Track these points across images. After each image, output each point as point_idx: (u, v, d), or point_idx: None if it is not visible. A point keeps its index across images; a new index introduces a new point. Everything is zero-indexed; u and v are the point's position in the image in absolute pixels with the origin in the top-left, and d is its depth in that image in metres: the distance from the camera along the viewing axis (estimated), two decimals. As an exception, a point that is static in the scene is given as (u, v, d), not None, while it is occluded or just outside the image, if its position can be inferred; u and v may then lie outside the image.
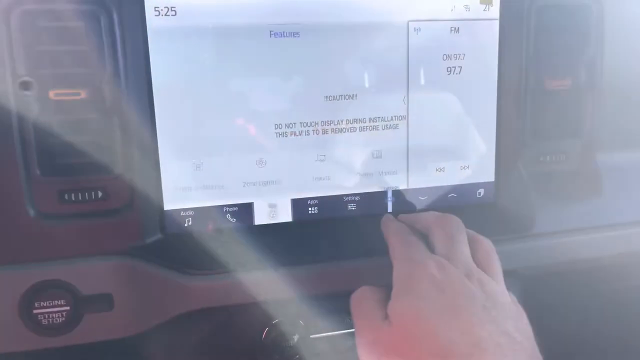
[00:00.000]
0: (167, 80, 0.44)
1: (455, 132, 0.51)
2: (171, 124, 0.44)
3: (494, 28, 0.50)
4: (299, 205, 0.49)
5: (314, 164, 0.48)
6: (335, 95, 0.47)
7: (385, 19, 0.47)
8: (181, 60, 0.44)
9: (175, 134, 0.45)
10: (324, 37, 0.46)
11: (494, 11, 0.50)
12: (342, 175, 0.49)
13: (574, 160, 0.52)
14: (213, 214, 0.47)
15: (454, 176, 0.52)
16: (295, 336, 0.46)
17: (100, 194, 0.43)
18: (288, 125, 0.47)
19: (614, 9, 0.51)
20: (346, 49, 0.47)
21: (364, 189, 0.50)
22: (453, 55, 0.49)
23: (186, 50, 0.44)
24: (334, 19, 0.46)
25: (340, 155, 0.49)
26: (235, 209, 0.47)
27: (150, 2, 0.43)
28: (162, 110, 0.44)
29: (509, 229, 0.50)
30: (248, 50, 0.45)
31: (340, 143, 0.48)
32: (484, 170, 0.52)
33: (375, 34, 0.47)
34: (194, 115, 0.45)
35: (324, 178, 0.49)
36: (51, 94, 0.41)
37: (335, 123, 0.48)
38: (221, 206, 0.47)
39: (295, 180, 0.48)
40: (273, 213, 0.48)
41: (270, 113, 0.46)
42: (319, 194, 0.49)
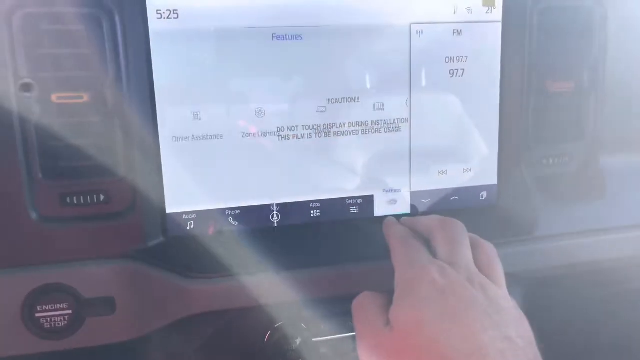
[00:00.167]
0: (170, 83, 0.44)
1: (458, 135, 0.51)
2: (173, 127, 0.44)
3: (496, 30, 0.50)
4: (302, 208, 0.49)
5: (316, 167, 0.48)
6: (337, 98, 0.47)
7: (387, 22, 0.47)
8: (183, 63, 0.44)
9: (178, 137, 0.45)
10: (326, 40, 0.46)
11: (497, 13, 0.50)
12: (344, 178, 0.49)
13: (576, 163, 0.52)
14: (215, 217, 0.47)
15: (457, 179, 0.52)
16: (297, 339, 0.46)
17: (102, 197, 0.43)
18: (290, 128, 0.47)
19: (616, 11, 0.51)
20: (349, 51, 0.47)
21: (366, 192, 0.50)
22: (455, 58, 0.49)
23: (188, 53, 0.44)
24: (336, 21, 0.46)
25: (342, 158, 0.49)
26: (238, 212, 0.47)
27: (152, 5, 0.43)
28: (164, 113, 0.44)
29: (512, 232, 0.50)
30: (250, 53, 0.45)
31: (343, 146, 0.48)
32: (487, 173, 0.52)
33: (377, 37, 0.47)
34: (196, 118, 0.45)
35: (326, 181, 0.49)
36: (54, 97, 0.40)
37: (338, 126, 0.48)
38: (223, 209, 0.47)
39: (298, 183, 0.48)
40: (276, 216, 0.48)
41: (272, 116, 0.46)
42: (321, 197, 0.49)
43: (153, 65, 0.43)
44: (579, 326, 0.56)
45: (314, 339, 0.47)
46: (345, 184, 0.49)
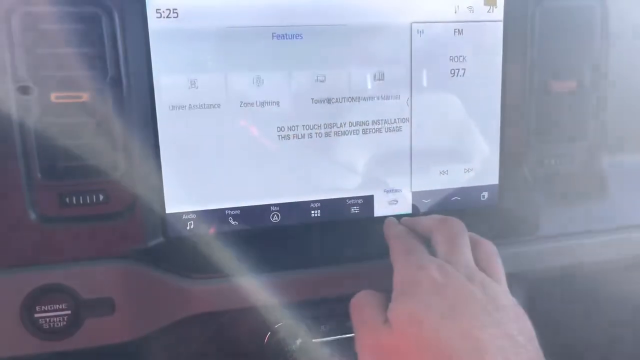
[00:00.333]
0: (169, 83, 0.44)
1: (459, 135, 0.51)
2: (173, 127, 0.44)
3: (498, 30, 0.50)
4: (302, 208, 0.48)
5: (317, 167, 0.48)
6: (338, 97, 0.47)
7: (388, 21, 0.47)
8: (183, 62, 0.44)
9: (177, 137, 0.44)
10: (327, 40, 0.46)
11: (498, 13, 0.49)
12: (345, 178, 0.49)
13: (578, 163, 0.52)
14: (215, 217, 0.47)
15: (458, 179, 0.51)
16: (297, 340, 0.46)
17: (101, 197, 0.42)
18: (290, 128, 0.47)
19: (618, 10, 0.51)
20: (349, 51, 0.47)
21: (367, 191, 0.50)
22: (457, 57, 0.49)
23: (188, 53, 0.44)
24: (337, 21, 0.46)
25: (342, 158, 0.48)
26: (238, 212, 0.47)
27: (151, 4, 0.42)
28: (164, 113, 0.44)
29: (513, 232, 0.50)
30: (250, 52, 0.44)
31: (343, 146, 0.48)
32: (488, 173, 0.52)
33: (378, 36, 0.47)
34: (196, 117, 0.44)
35: (327, 181, 0.48)
36: (52, 97, 0.40)
37: (338, 126, 0.48)
38: (223, 209, 0.47)
39: (298, 183, 0.48)
40: (276, 216, 0.48)
41: (272, 116, 0.46)
42: (321, 197, 0.49)
43: (152, 65, 0.43)
44: (580, 326, 0.56)
45: (314, 340, 0.46)
46: (346, 184, 0.49)
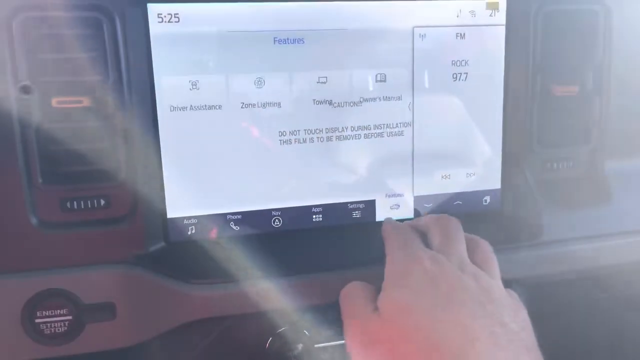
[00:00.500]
0: (170, 85, 0.43)
1: (461, 139, 0.50)
2: (174, 132, 0.44)
3: (500, 34, 0.50)
4: (303, 213, 0.48)
5: (318, 171, 0.48)
6: (340, 102, 0.47)
7: (390, 25, 0.47)
8: (184, 65, 0.43)
9: (179, 140, 0.44)
10: (328, 44, 0.46)
11: (500, 17, 0.49)
12: (347, 182, 0.49)
13: (581, 167, 0.52)
14: (216, 221, 0.46)
15: (460, 183, 0.51)
16: (299, 346, 0.46)
17: (102, 202, 0.42)
18: (292, 133, 0.46)
19: (621, 14, 0.51)
20: (351, 55, 0.46)
21: (369, 196, 0.49)
22: (459, 62, 0.49)
23: (189, 56, 0.43)
24: (338, 25, 0.46)
25: (344, 163, 0.48)
26: (239, 216, 0.47)
27: (153, 9, 0.42)
28: (165, 118, 0.44)
29: (515, 237, 0.50)
30: (251, 57, 0.44)
31: (345, 150, 0.48)
32: (490, 178, 0.52)
33: (380, 40, 0.47)
34: (197, 121, 0.44)
35: (328, 185, 0.48)
36: (54, 102, 0.40)
37: (340, 130, 0.47)
38: (224, 214, 0.46)
39: (299, 187, 0.48)
40: (277, 221, 0.48)
41: (274, 119, 0.46)
42: (323, 202, 0.49)
43: (154, 69, 0.43)
44: (583, 331, 0.56)
45: (315, 345, 0.46)
46: (348, 188, 0.49)
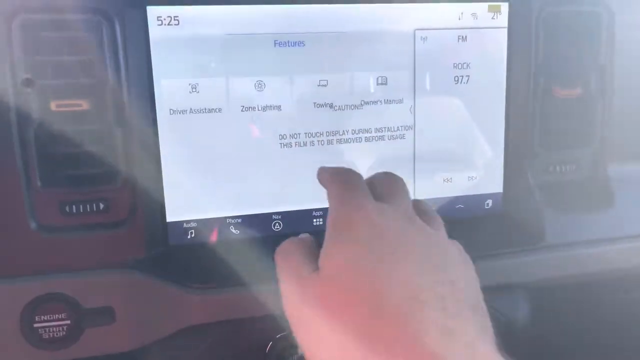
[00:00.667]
0: (170, 88, 0.43)
1: (463, 142, 0.50)
2: (174, 135, 0.44)
3: (502, 36, 0.49)
4: (304, 217, 0.48)
5: (319, 175, 0.47)
6: (340, 105, 0.47)
7: (391, 28, 0.47)
8: (184, 68, 0.43)
9: (178, 144, 0.44)
10: (329, 47, 0.45)
11: (502, 19, 0.49)
12: (348, 186, 0.48)
13: (584, 170, 0.51)
14: (216, 225, 0.46)
15: (462, 187, 0.51)
16: (299, 350, 0.45)
17: (102, 205, 0.42)
18: (293, 136, 0.46)
19: (624, 16, 0.50)
20: (352, 58, 0.46)
21: (370, 199, 0.49)
22: (460, 64, 0.49)
23: (189, 59, 0.43)
24: (339, 28, 0.45)
25: (345, 166, 0.48)
26: (239, 220, 0.47)
27: (152, 12, 0.42)
28: (165, 121, 0.43)
29: (518, 241, 0.49)
30: (252, 60, 0.44)
31: (346, 153, 0.48)
32: (492, 181, 0.51)
33: (381, 43, 0.47)
34: (197, 125, 0.44)
35: (329, 189, 0.48)
36: (53, 105, 0.40)
37: (341, 133, 0.47)
38: (224, 217, 0.46)
39: (300, 191, 0.47)
40: (278, 225, 0.48)
41: (274, 122, 0.46)
42: (323, 205, 0.48)
43: (153, 72, 0.43)
44: (587, 336, 0.55)
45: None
46: (348, 192, 0.48)
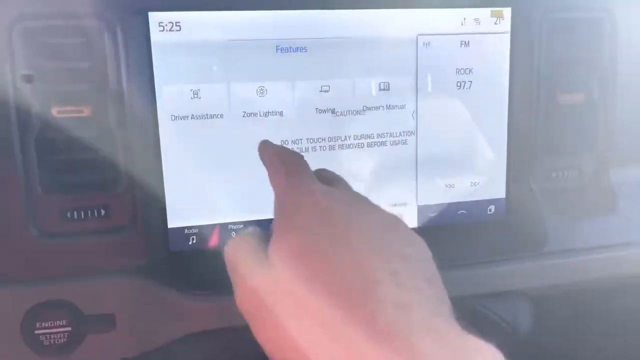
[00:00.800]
0: (171, 94, 0.43)
1: (465, 148, 0.50)
2: (175, 141, 0.44)
3: (504, 42, 0.49)
4: (306, 223, 0.48)
5: (321, 181, 0.47)
6: (342, 110, 0.47)
7: (394, 33, 0.46)
8: (185, 74, 0.43)
9: (180, 149, 0.44)
10: (331, 52, 0.45)
11: (505, 24, 0.49)
12: (350, 191, 0.48)
13: (587, 176, 0.51)
14: (218, 231, 0.46)
15: (464, 192, 0.51)
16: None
17: (103, 212, 0.42)
18: (294, 142, 0.46)
19: (627, 21, 0.50)
20: (354, 63, 0.46)
21: (372, 205, 0.49)
22: (463, 70, 0.48)
23: (190, 65, 0.43)
24: (341, 33, 0.45)
25: (347, 172, 0.48)
26: (241, 226, 0.46)
27: (154, 18, 0.42)
28: (166, 127, 0.43)
29: (520, 247, 0.49)
30: (253, 65, 0.44)
31: (348, 159, 0.47)
32: (495, 187, 0.51)
33: (383, 48, 0.47)
34: (198, 130, 0.44)
35: (331, 195, 0.48)
36: (54, 111, 0.40)
37: (343, 139, 0.47)
38: (226, 223, 0.46)
39: (302, 197, 0.47)
40: (279, 230, 0.47)
41: (276, 129, 0.45)
42: (325, 211, 0.48)
43: (155, 78, 0.42)
44: (589, 343, 0.55)
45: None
46: (350, 197, 0.48)
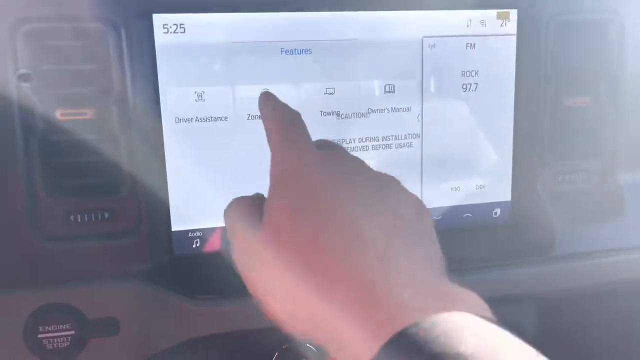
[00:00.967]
0: (176, 97, 0.43)
1: (471, 151, 0.50)
2: (179, 144, 0.43)
3: (510, 44, 0.49)
4: (310, 226, 0.47)
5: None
6: (347, 113, 0.46)
7: (399, 35, 0.46)
8: (190, 76, 0.43)
9: (184, 152, 0.44)
10: (336, 54, 0.45)
11: (511, 26, 0.48)
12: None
13: (594, 179, 0.51)
14: (222, 235, 0.46)
15: (469, 195, 0.50)
16: (305, 361, 0.45)
17: (107, 215, 0.42)
18: (299, 144, 0.46)
19: (634, 24, 0.50)
20: (359, 66, 0.46)
21: (377, 208, 0.49)
22: (469, 72, 0.48)
23: (195, 67, 0.43)
24: (346, 35, 0.45)
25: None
26: (245, 229, 0.46)
27: (158, 20, 0.42)
28: (170, 129, 0.43)
29: (526, 251, 0.49)
30: (258, 67, 0.44)
31: (353, 162, 0.47)
32: (501, 190, 0.51)
33: (389, 50, 0.46)
34: (203, 133, 0.44)
35: (336, 198, 0.48)
36: (58, 114, 0.40)
37: (348, 141, 0.47)
38: (230, 227, 0.46)
39: (306, 200, 0.47)
40: (283, 234, 0.47)
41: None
42: (330, 214, 0.48)
43: (159, 81, 0.42)
44: (596, 347, 0.55)
45: (322, 361, 0.45)
46: (355, 200, 0.48)
